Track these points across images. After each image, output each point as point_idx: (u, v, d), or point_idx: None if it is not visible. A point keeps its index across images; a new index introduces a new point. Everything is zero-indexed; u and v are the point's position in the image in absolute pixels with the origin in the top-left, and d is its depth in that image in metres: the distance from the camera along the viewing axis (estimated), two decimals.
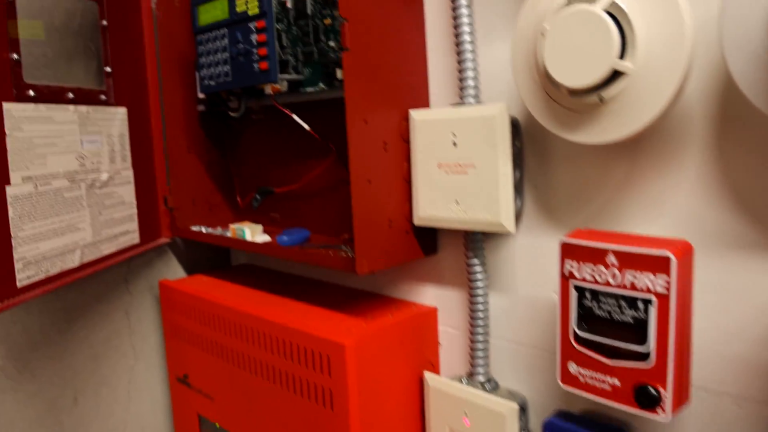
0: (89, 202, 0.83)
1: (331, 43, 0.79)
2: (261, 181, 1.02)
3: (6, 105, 0.70)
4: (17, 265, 0.70)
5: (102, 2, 0.86)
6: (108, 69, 0.88)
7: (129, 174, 0.92)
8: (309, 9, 0.81)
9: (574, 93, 0.56)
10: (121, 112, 0.90)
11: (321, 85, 0.81)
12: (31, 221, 0.72)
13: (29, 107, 0.73)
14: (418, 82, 0.78)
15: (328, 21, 0.79)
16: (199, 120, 1.02)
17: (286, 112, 0.84)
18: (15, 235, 0.70)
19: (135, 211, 0.93)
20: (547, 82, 0.58)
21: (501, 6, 0.70)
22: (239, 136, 1.05)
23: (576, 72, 0.54)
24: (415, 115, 0.74)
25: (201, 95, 0.97)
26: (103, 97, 0.86)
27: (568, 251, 0.60)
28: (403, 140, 0.76)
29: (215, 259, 1.12)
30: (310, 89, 0.83)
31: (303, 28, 0.82)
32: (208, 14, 0.86)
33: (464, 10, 0.70)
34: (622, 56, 0.52)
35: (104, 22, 0.87)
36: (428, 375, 0.78)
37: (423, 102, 0.78)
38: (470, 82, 0.72)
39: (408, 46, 0.76)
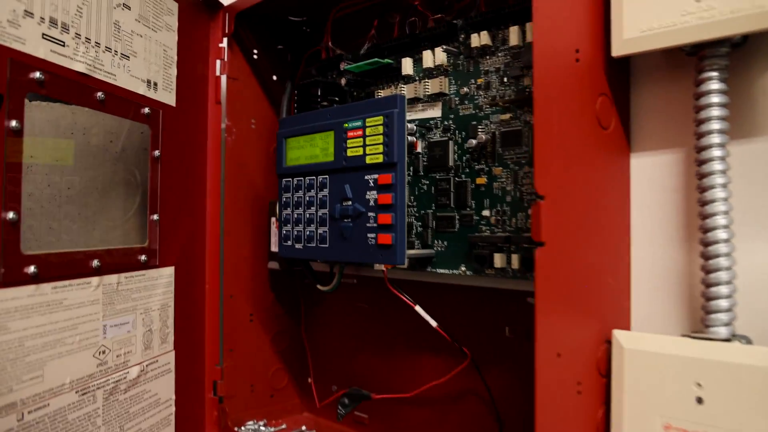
0: (107, 416, 0.56)
1: (485, 212, 0.52)
2: (346, 365, 0.74)
3: None
4: None
5: (157, 126, 0.62)
6: (155, 217, 0.63)
7: (169, 359, 0.65)
8: (452, 159, 0.55)
9: None
10: (167, 274, 0.65)
11: (463, 268, 0.54)
12: None
13: (25, 291, 0.47)
14: (618, 284, 0.50)
15: (482, 180, 0.53)
16: (270, 279, 0.76)
17: (407, 302, 0.57)
18: None
19: (173, 410, 0.66)
20: None
21: None
22: (321, 301, 0.78)
23: None
24: (624, 340, 0.46)
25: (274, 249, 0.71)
26: (143, 257, 0.61)
27: None
28: (600, 374, 0.47)
29: None
30: (443, 271, 0.55)
31: (440, 184, 0.55)
32: (302, 152, 0.61)
33: (719, 191, 0.43)
34: None
35: (156, 153, 0.62)
36: None
37: (623, 317, 0.50)
38: (723, 303, 0.44)
39: (611, 231, 0.49)
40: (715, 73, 0.43)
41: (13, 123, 0.46)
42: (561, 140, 0.42)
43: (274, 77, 0.76)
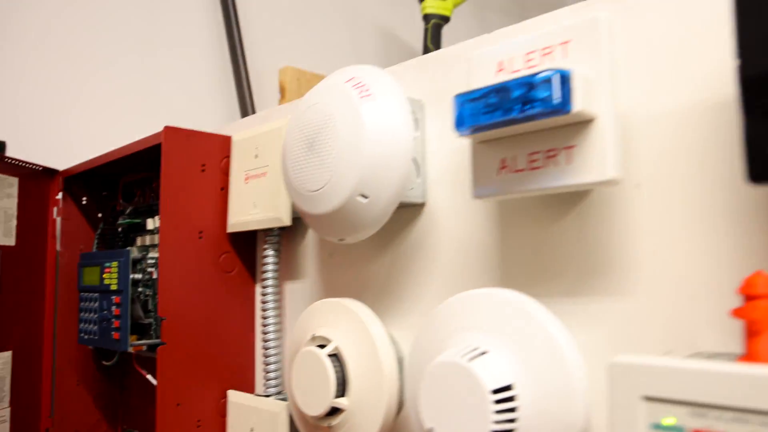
0: None
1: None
2: (142, 415, 1.07)
3: None
4: None
5: None
6: None
7: (5, 414, 0.98)
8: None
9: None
10: (5, 356, 0.98)
11: None
12: None
13: None
14: (244, 361, 0.84)
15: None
16: (93, 354, 1.10)
17: (141, 372, 0.91)
18: None
19: None
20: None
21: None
22: (127, 369, 1.12)
23: (309, 402, 0.61)
24: (232, 397, 0.80)
25: None
26: None
27: None
28: (220, 416, 0.81)
29: None
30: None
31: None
32: (89, 277, 0.96)
33: (270, 312, 0.78)
34: (343, 394, 0.59)
35: None
36: None
37: (248, 382, 0.84)
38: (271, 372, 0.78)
39: (236, 331, 0.83)
40: (270, 246, 0.78)
41: None
42: (181, 284, 0.77)
43: (99, 215, 1.12)
